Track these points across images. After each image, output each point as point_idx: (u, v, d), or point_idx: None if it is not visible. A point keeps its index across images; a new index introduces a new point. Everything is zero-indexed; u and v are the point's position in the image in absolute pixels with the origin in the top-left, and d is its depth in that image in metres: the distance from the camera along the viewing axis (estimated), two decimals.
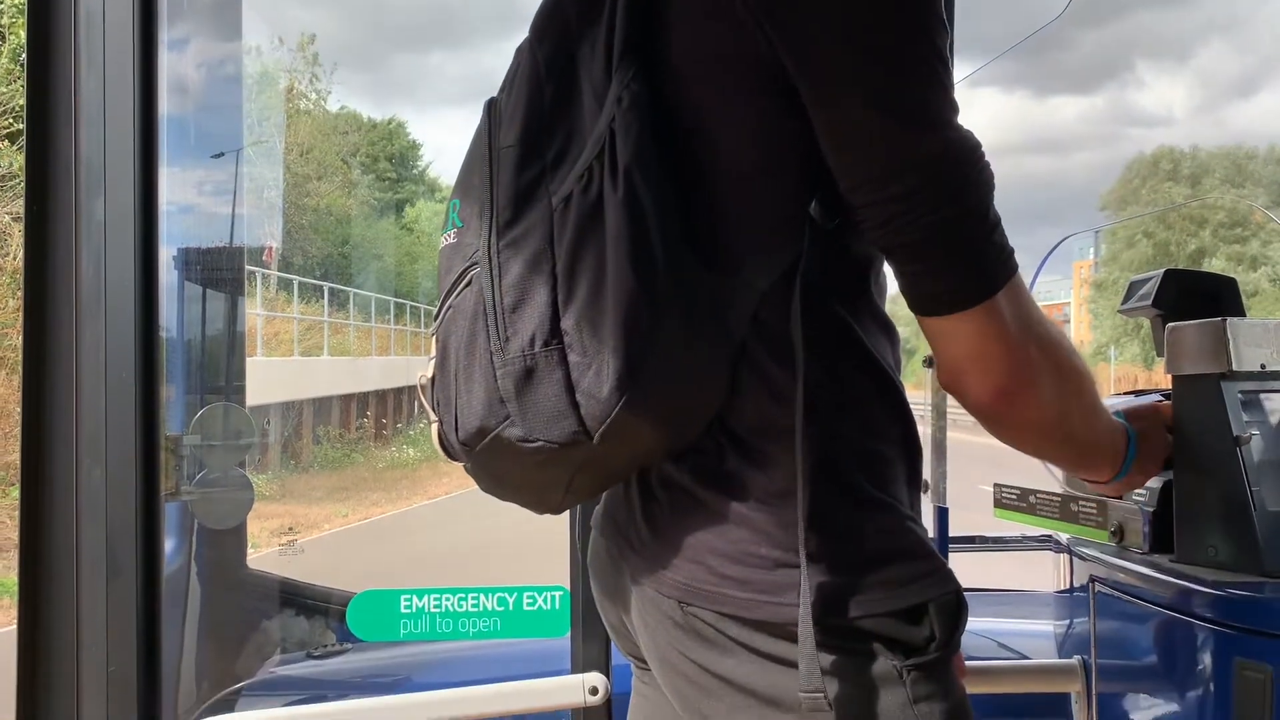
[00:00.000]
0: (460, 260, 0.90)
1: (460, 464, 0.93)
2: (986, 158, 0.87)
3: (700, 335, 0.85)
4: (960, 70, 0.93)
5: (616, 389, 0.81)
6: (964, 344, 0.90)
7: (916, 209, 0.84)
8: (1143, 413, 1.20)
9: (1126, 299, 1.41)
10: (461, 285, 0.89)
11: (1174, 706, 1.23)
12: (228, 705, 1.83)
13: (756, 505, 0.87)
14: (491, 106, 0.91)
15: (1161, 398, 1.37)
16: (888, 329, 0.94)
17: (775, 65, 0.84)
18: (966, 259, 0.86)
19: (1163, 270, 1.36)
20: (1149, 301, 1.34)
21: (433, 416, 0.93)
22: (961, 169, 0.85)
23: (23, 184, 1.48)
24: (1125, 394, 1.51)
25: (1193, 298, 1.32)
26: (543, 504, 0.96)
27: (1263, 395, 1.21)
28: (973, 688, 0.93)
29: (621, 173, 0.82)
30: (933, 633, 0.87)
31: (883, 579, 0.87)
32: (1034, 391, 0.92)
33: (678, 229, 0.84)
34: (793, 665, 0.84)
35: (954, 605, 0.88)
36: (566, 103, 0.87)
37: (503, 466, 0.89)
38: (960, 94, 0.89)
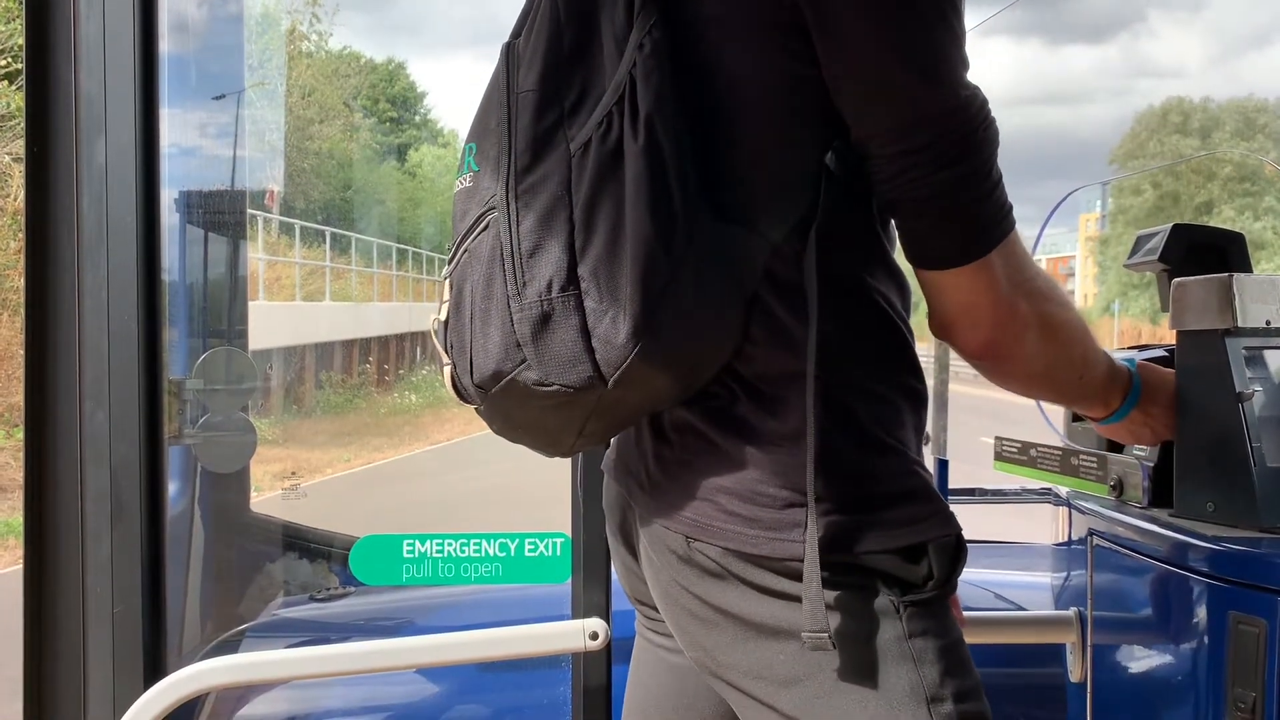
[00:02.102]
0: (476, 204, 0.90)
1: (470, 407, 0.94)
2: (993, 114, 0.88)
3: (714, 286, 0.86)
4: (972, 19, 0.92)
5: (632, 336, 0.82)
6: (956, 297, 0.92)
7: (926, 164, 0.85)
8: (1158, 373, 1.21)
9: (1133, 253, 1.40)
10: (478, 229, 0.89)
11: (1168, 658, 1.24)
12: (232, 646, 1.85)
13: (767, 447, 0.89)
14: (510, 50, 0.90)
15: (1165, 352, 1.36)
16: (897, 278, 0.95)
17: (794, 11, 0.84)
18: (967, 217, 0.88)
19: (1170, 224, 1.35)
20: (1155, 256, 1.33)
21: (445, 360, 0.94)
22: (972, 126, 0.86)
23: (23, 124, 1.47)
24: (1129, 348, 1.50)
25: (1199, 252, 1.31)
26: (555, 447, 0.97)
27: (1266, 352, 1.21)
28: (970, 638, 0.94)
29: (642, 120, 0.83)
30: (931, 571, 0.89)
31: (886, 519, 0.88)
32: (1020, 345, 0.95)
33: (695, 179, 0.85)
34: (791, 599, 0.86)
35: (953, 547, 0.90)
36: (586, 48, 0.87)
37: (517, 409, 0.90)
38: (971, 44, 0.89)
